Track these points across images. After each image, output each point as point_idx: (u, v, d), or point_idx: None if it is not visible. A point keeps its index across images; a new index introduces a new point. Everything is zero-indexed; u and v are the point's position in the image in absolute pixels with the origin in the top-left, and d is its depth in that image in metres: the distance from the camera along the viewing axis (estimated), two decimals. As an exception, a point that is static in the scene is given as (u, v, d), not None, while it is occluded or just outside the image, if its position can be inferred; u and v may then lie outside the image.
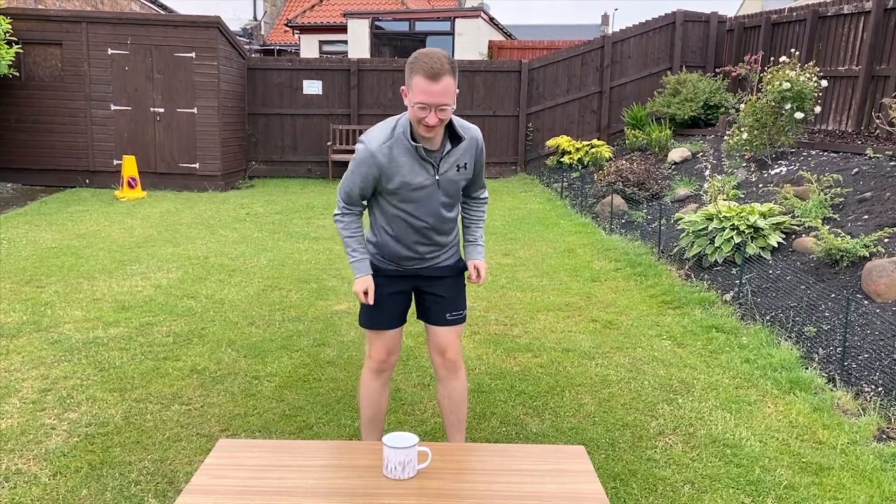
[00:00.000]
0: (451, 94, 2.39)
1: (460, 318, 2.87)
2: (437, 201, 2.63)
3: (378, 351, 2.83)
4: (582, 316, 5.25)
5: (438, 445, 1.94)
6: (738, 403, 3.82)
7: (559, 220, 8.90)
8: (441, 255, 2.80)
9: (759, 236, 5.76)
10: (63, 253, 7.03)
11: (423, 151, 2.52)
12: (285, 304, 5.44)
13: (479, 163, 2.74)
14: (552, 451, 1.88)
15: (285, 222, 8.85)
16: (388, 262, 2.77)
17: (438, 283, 2.82)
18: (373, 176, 2.55)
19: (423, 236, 2.69)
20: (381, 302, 2.76)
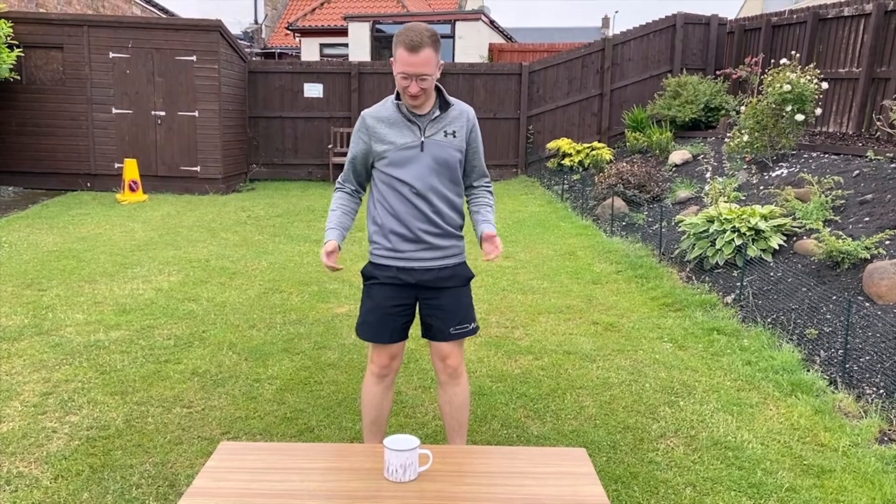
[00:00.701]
0: (432, 64, 2.53)
1: (467, 332, 2.79)
2: (426, 166, 2.65)
3: (380, 357, 2.81)
4: (583, 318, 5.24)
5: (439, 448, 1.94)
6: (739, 406, 3.82)
7: (560, 222, 8.90)
8: (444, 250, 2.74)
9: (760, 238, 5.75)
10: (64, 256, 7.03)
11: (406, 110, 2.64)
12: (286, 307, 5.45)
13: (474, 142, 2.78)
14: (554, 454, 1.88)
15: (286, 225, 8.85)
16: (389, 255, 2.72)
17: (441, 293, 2.75)
18: (364, 140, 2.70)
19: (419, 212, 2.67)
20: (382, 316, 2.73)
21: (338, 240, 2.74)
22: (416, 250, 2.72)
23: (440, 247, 2.74)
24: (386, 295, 2.74)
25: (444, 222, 2.73)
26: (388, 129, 2.66)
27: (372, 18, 17.85)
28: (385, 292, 2.74)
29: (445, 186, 2.72)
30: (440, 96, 2.70)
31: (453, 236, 2.78)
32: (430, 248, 2.73)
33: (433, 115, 2.68)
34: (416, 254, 2.73)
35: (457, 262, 2.81)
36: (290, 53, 24.21)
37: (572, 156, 11.56)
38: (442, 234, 2.74)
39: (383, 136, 2.66)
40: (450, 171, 2.71)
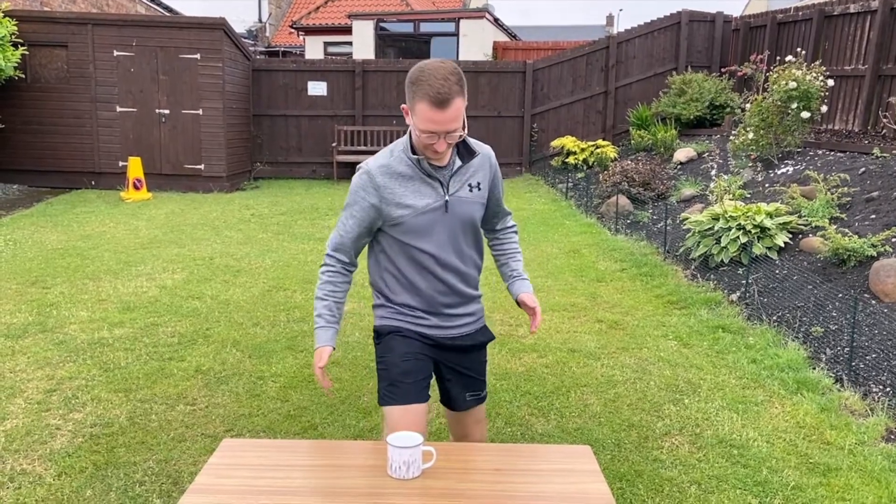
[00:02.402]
0: (461, 116, 2.08)
1: (480, 399, 2.47)
2: (451, 229, 2.23)
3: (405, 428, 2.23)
4: (587, 316, 5.23)
5: (443, 445, 1.93)
6: (744, 404, 3.80)
7: (564, 220, 8.88)
8: (466, 316, 2.37)
9: (765, 236, 5.73)
10: (68, 254, 7.04)
11: (427, 165, 2.17)
12: (290, 305, 5.44)
13: (495, 187, 2.39)
14: (558, 451, 1.87)
15: (290, 223, 8.85)
16: (408, 322, 2.31)
17: (464, 358, 2.40)
18: (372, 204, 2.18)
19: (444, 284, 2.27)
20: (405, 366, 2.24)
21: (330, 343, 2.25)
22: (440, 319, 2.33)
23: (463, 315, 2.37)
24: (406, 344, 2.29)
25: (467, 287, 2.35)
26: (404, 189, 2.18)
27: (376, 17, 17.84)
28: (405, 342, 2.29)
29: (470, 247, 2.33)
30: (462, 141, 2.24)
31: (475, 299, 2.41)
32: (452, 317, 2.35)
33: (454, 167, 2.23)
34: (438, 322, 2.33)
35: (478, 327, 2.44)
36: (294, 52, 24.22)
37: (576, 154, 11.54)
38: (463, 301, 2.36)
39: (399, 197, 2.17)
40: (474, 230, 2.33)
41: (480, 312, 2.44)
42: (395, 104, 12.92)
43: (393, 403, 2.19)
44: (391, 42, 17.90)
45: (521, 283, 2.45)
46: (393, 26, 17.88)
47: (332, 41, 20.82)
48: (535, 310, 2.37)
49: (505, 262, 2.52)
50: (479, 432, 2.49)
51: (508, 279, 2.49)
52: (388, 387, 2.22)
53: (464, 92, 2.07)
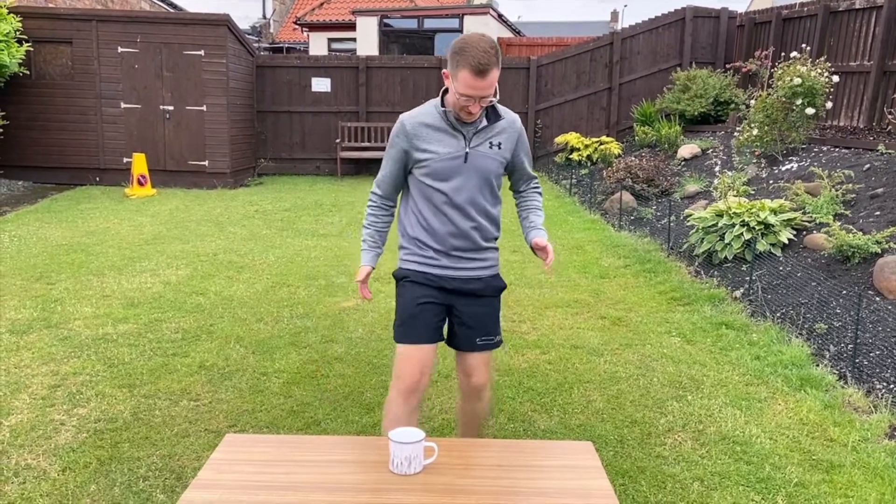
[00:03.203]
0: (496, 84, 2.39)
1: (492, 344, 2.67)
2: (468, 178, 2.50)
3: (410, 368, 2.51)
4: (591, 313, 5.23)
5: (445, 441, 1.94)
6: (748, 400, 3.79)
7: (568, 216, 8.87)
8: (478, 262, 2.60)
9: (769, 233, 5.71)
10: (73, 250, 7.06)
11: (452, 118, 2.46)
12: (293, 301, 5.45)
13: (520, 151, 2.64)
14: (560, 447, 1.87)
15: (294, 219, 8.86)
16: (422, 262, 2.58)
17: (472, 302, 2.61)
18: (402, 148, 2.51)
19: (455, 227, 2.52)
20: (414, 310, 2.55)
21: (371, 263, 2.68)
22: (451, 261, 2.59)
23: (474, 258, 2.61)
24: (422, 291, 2.58)
25: (480, 237, 2.58)
26: (430, 136, 2.49)
27: (380, 13, 17.82)
28: (420, 289, 2.58)
29: (486, 199, 2.57)
30: (491, 105, 2.52)
31: (488, 249, 2.64)
32: (463, 259, 2.59)
33: (479, 125, 2.50)
34: (449, 263, 2.59)
35: (490, 274, 2.66)
36: (298, 48, 24.22)
37: (580, 150, 11.52)
38: (476, 248, 2.59)
39: (425, 143, 2.48)
40: (491, 185, 2.57)
41: (493, 262, 2.67)
42: (399, 100, 12.92)
43: (403, 341, 2.55)
44: (395, 38, 17.88)
45: (535, 232, 2.67)
46: (397, 22, 17.86)
47: (336, 37, 20.82)
48: (546, 248, 2.57)
49: (525, 215, 2.76)
50: (483, 374, 2.68)
51: (526, 230, 2.73)
52: (399, 326, 2.57)
53: (499, 63, 2.37)
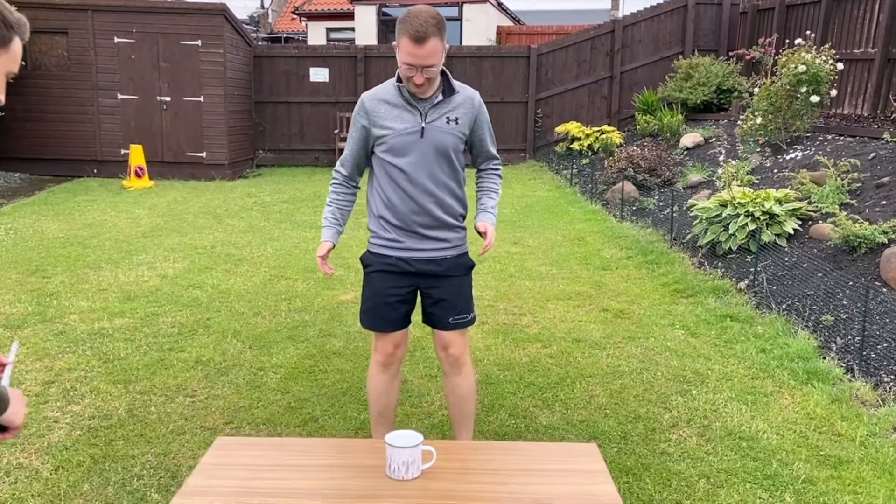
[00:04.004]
0: (438, 54, 2.42)
1: (465, 322, 2.74)
2: (425, 153, 2.54)
3: (383, 346, 2.74)
4: (592, 305, 5.15)
5: (443, 444, 1.87)
6: (753, 395, 3.73)
7: (569, 207, 8.79)
8: (442, 242, 2.66)
9: (774, 223, 5.63)
10: (69, 243, 6.99)
11: (407, 94, 2.52)
12: (291, 294, 5.38)
13: (478, 127, 2.68)
14: (563, 450, 1.80)
15: (292, 211, 8.78)
16: (387, 245, 2.64)
17: (441, 282, 2.68)
18: (362, 125, 2.58)
19: (415, 203, 2.56)
20: (381, 304, 2.66)
21: (332, 239, 2.71)
22: (415, 241, 2.64)
23: (438, 238, 2.66)
24: (385, 283, 2.67)
25: (443, 212, 2.63)
26: (388, 113, 2.56)
27: (378, 2, 17.67)
28: (384, 280, 2.67)
29: (445, 174, 2.61)
30: (445, 80, 2.59)
31: (452, 227, 2.68)
32: (427, 239, 2.65)
33: (435, 101, 2.57)
34: (414, 244, 2.65)
35: (457, 254, 2.72)
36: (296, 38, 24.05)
37: (581, 140, 11.41)
38: (439, 225, 2.64)
39: (383, 119, 2.56)
40: (450, 160, 2.61)
41: (459, 241, 2.71)
42: (399, 90, 12.77)
43: (371, 329, 2.73)
44: (394, 27, 17.70)
45: (482, 214, 2.74)
46: (395, 11, 17.71)
47: (334, 27, 20.66)
48: (486, 234, 2.65)
49: (479, 197, 2.80)
50: (459, 346, 2.74)
51: (477, 211, 2.76)
52: (364, 313, 2.72)
53: (441, 35, 2.42)
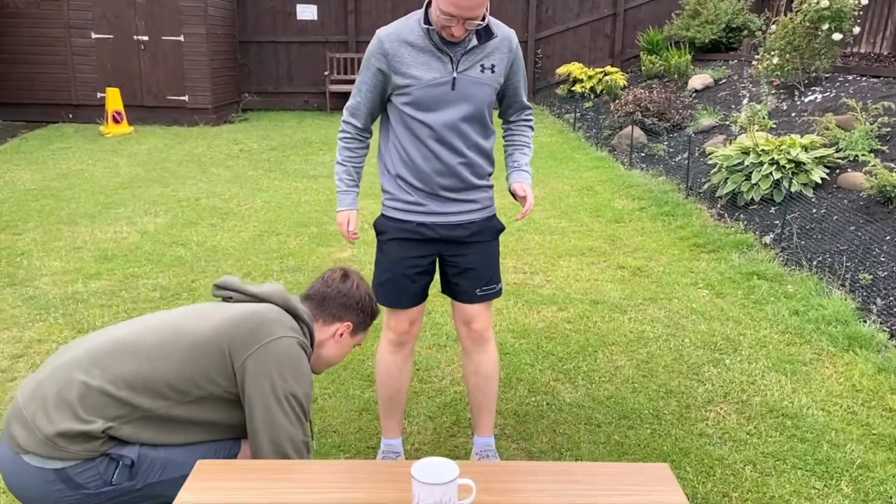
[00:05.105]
0: (484, 6, 2.02)
1: (493, 293, 2.40)
2: (455, 108, 2.15)
3: (398, 323, 2.38)
4: (608, 262, 4.79)
5: (481, 467, 1.52)
6: (791, 364, 3.41)
7: (574, 153, 8.35)
8: (469, 204, 2.30)
9: (800, 171, 5.25)
10: (43, 195, 6.53)
11: (437, 38, 2.11)
12: (283, 252, 4.99)
13: (514, 74, 2.28)
14: (627, 473, 1.45)
15: (282, 159, 8.30)
16: (406, 208, 2.27)
17: (467, 249, 2.33)
18: (379, 69, 2.16)
19: (442, 164, 2.20)
20: (399, 277, 2.31)
21: (351, 206, 2.34)
22: (438, 204, 2.28)
23: (465, 200, 2.30)
24: (404, 252, 2.30)
25: (470, 174, 2.26)
26: (413, 59, 2.13)
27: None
28: (403, 249, 2.30)
29: (476, 132, 2.23)
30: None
31: (480, 188, 2.32)
32: (452, 202, 2.28)
33: (469, 45, 2.14)
34: (437, 207, 2.27)
35: (485, 216, 2.37)
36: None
37: (584, 82, 10.89)
38: (466, 188, 2.28)
39: (406, 66, 2.13)
40: (482, 114, 2.23)
41: (487, 202, 2.36)
42: (390, 29, 12.12)
43: (386, 304, 2.34)
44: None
45: (517, 174, 2.37)
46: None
47: (321, -38, 19.62)
48: (526, 199, 2.29)
49: (511, 153, 2.43)
50: (484, 319, 2.41)
51: (509, 170, 2.41)
52: (379, 286, 2.33)
53: None
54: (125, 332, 1.81)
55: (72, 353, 1.80)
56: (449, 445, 2.75)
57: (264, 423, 1.68)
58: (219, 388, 1.74)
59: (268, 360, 1.71)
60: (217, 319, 1.78)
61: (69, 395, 1.69)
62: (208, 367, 1.72)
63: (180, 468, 1.68)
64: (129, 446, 1.72)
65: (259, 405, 1.69)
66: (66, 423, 1.66)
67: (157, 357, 1.72)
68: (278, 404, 1.68)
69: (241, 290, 1.90)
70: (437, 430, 2.84)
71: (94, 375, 1.71)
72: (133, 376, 1.70)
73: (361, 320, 2.00)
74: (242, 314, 1.78)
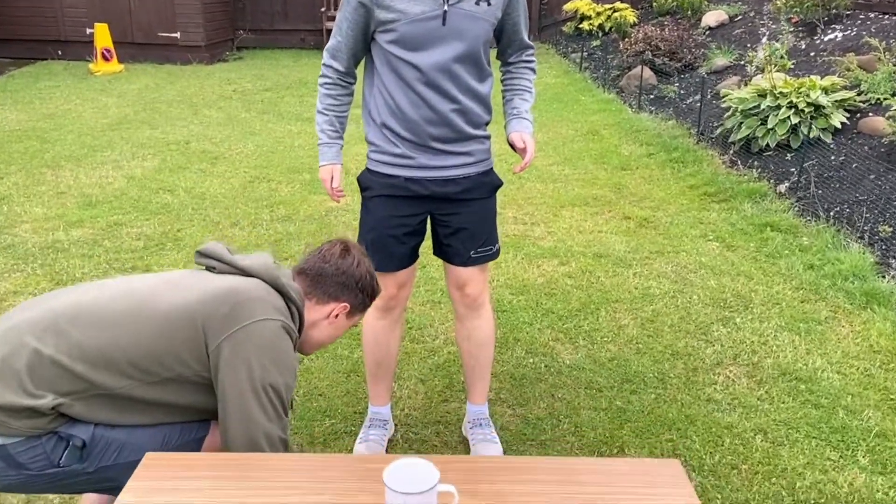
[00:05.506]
0: None
1: (489, 255, 2.19)
2: (447, 46, 1.91)
3: (385, 287, 2.16)
4: (613, 212, 4.57)
5: (468, 463, 1.35)
6: (806, 322, 3.23)
7: (579, 95, 8.01)
8: (464, 157, 2.07)
9: (819, 115, 4.96)
10: (27, 136, 6.29)
11: None
12: (274, 200, 4.77)
13: (514, 8, 2.06)
14: (638, 470, 1.28)
15: (276, 101, 7.99)
16: (392, 161, 2.05)
17: (461, 207, 2.11)
18: (361, 2, 1.90)
19: (432, 111, 1.96)
20: (385, 238, 2.10)
21: (335, 160, 2.11)
22: (429, 157, 2.04)
23: (458, 153, 2.06)
24: (391, 211, 2.08)
25: (464, 123, 2.02)
26: None
27: None
28: (389, 207, 2.08)
29: (471, 74, 1.98)
30: None
31: (475, 139, 2.09)
32: (445, 154, 2.04)
33: None
34: (427, 161, 2.04)
35: (481, 170, 2.13)
36: None
37: (592, 19, 10.42)
38: (459, 138, 2.04)
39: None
40: (477, 54, 1.98)
41: (484, 154, 2.14)
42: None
43: None
44: None
45: (516, 122, 2.13)
46: None
47: None
48: (526, 150, 2.07)
49: (509, 98, 2.19)
50: (479, 283, 2.21)
51: (507, 117, 2.17)
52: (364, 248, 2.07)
53: None
54: (90, 295, 1.59)
55: (29, 313, 1.58)
56: (440, 411, 2.60)
57: (238, 417, 1.49)
58: (189, 371, 1.54)
59: (247, 345, 1.50)
60: (194, 292, 1.57)
61: (17, 364, 1.49)
62: (178, 346, 1.52)
63: (139, 452, 1.49)
64: (81, 424, 1.52)
65: (233, 395, 1.49)
66: (9, 396, 1.46)
67: (121, 328, 1.52)
68: (255, 396, 1.48)
69: (226, 260, 1.67)
70: (428, 395, 2.68)
71: (47, 343, 1.50)
72: (91, 348, 1.50)
73: (360, 301, 1.76)
74: (223, 289, 1.56)
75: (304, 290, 1.71)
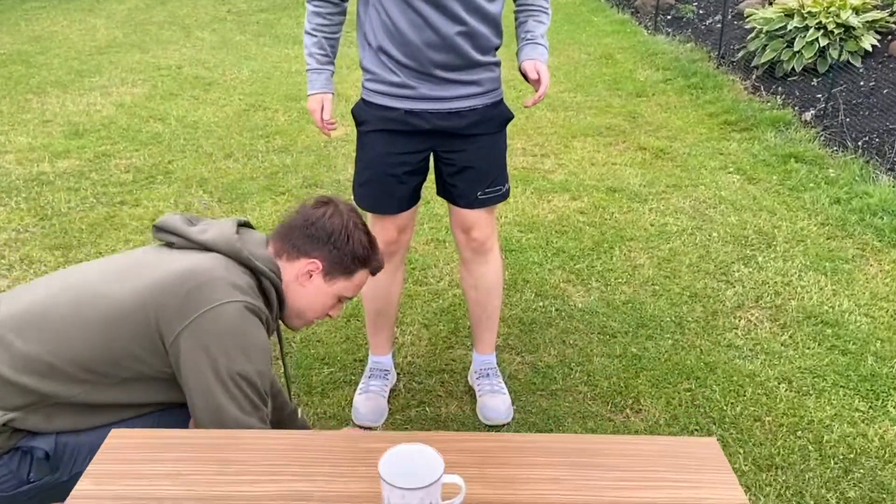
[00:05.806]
0: None
1: (497, 197, 1.99)
2: None
3: (384, 231, 1.98)
4: (627, 142, 4.33)
5: (477, 441, 1.19)
6: (832, 261, 3.05)
7: (591, 16, 7.60)
8: (471, 86, 1.85)
9: (849, 38, 4.64)
10: (12, 61, 6.01)
11: None
12: (270, 130, 4.53)
13: None
14: (671, 451, 1.12)
15: (272, 22, 7.61)
16: (391, 91, 1.82)
17: (467, 143, 1.90)
18: None
19: (436, 34, 1.73)
20: (382, 177, 1.90)
21: (325, 89, 1.90)
22: (432, 87, 1.81)
23: (464, 82, 1.83)
24: (389, 147, 1.87)
25: (471, 48, 1.79)
26: None
27: None
28: (388, 143, 1.87)
29: None
30: None
31: (484, 66, 1.84)
32: (450, 83, 1.82)
33: None
34: (430, 91, 1.81)
35: (490, 102, 1.91)
36: None
37: (605, -68, 9.82)
38: (466, 65, 1.81)
39: None
40: None
41: (493, 84, 1.90)
42: None
43: (368, 210, 1.96)
44: None
45: (530, 48, 1.87)
46: None
47: None
48: (539, 81, 1.80)
49: (523, 20, 1.93)
50: (487, 226, 2.03)
51: (520, 43, 1.91)
52: (360, 187, 1.96)
53: None
54: (35, 296, 1.38)
55: None
56: (445, 358, 2.45)
57: (209, 415, 1.31)
58: (150, 368, 1.35)
59: (206, 335, 1.30)
60: (143, 281, 1.35)
61: None
62: (132, 345, 1.32)
63: None
64: (41, 436, 1.35)
65: (200, 393, 1.31)
66: None
67: (66, 332, 1.32)
68: (224, 389, 1.30)
69: (184, 234, 1.45)
70: (432, 341, 2.54)
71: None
72: (36, 358, 1.31)
73: (336, 259, 1.50)
74: (176, 273, 1.35)
75: (276, 250, 1.50)
